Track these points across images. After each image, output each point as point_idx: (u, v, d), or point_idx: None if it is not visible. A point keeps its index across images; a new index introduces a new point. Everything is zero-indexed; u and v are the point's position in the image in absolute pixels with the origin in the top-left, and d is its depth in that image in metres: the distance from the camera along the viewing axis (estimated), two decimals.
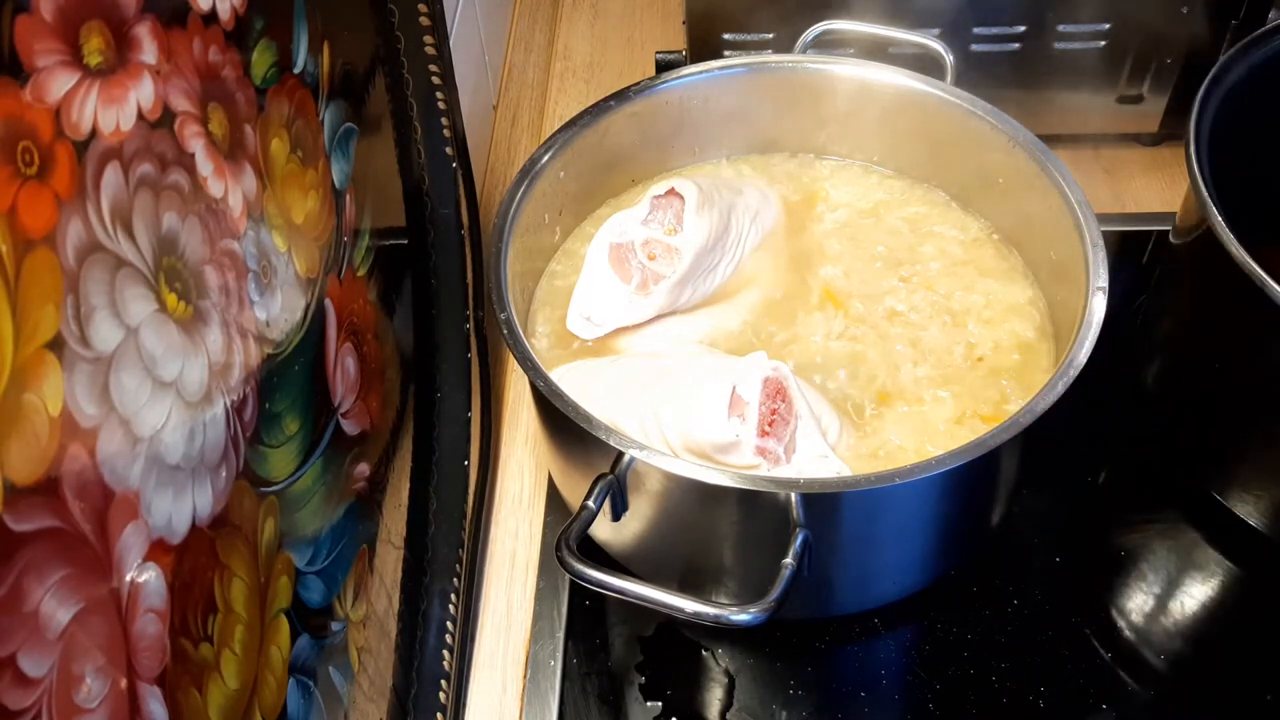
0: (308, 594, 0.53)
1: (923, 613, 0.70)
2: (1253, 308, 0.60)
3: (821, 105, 0.77)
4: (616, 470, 0.57)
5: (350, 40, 0.60)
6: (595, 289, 0.69)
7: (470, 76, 0.93)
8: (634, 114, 0.75)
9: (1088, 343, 0.58)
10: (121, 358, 0.38)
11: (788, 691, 0.67)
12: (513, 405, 0.84)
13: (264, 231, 0.49)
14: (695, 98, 0.76)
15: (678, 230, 0.69)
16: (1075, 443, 0.78)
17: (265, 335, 0.49)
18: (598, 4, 1.20)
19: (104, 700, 0.36)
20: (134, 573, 0.38)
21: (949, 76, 0.74)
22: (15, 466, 0.32)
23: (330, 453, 0.56)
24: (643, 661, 0.69)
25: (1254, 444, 0.71)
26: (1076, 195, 0.65)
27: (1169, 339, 0.76)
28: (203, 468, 0.43)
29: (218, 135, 0.45)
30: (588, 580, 0.53)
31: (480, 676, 0.70)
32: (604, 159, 0.76)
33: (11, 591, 0.32)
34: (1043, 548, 0.73)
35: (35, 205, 0.34)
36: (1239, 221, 0.62)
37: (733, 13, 0.87)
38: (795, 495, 0.54)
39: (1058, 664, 0.67)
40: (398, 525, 0.66)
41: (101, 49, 0.37)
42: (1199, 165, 0.65)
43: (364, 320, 0.62)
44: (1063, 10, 0.86)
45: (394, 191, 0.69)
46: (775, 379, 0.59)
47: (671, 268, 0.69)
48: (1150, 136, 0.96)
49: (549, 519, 0.76)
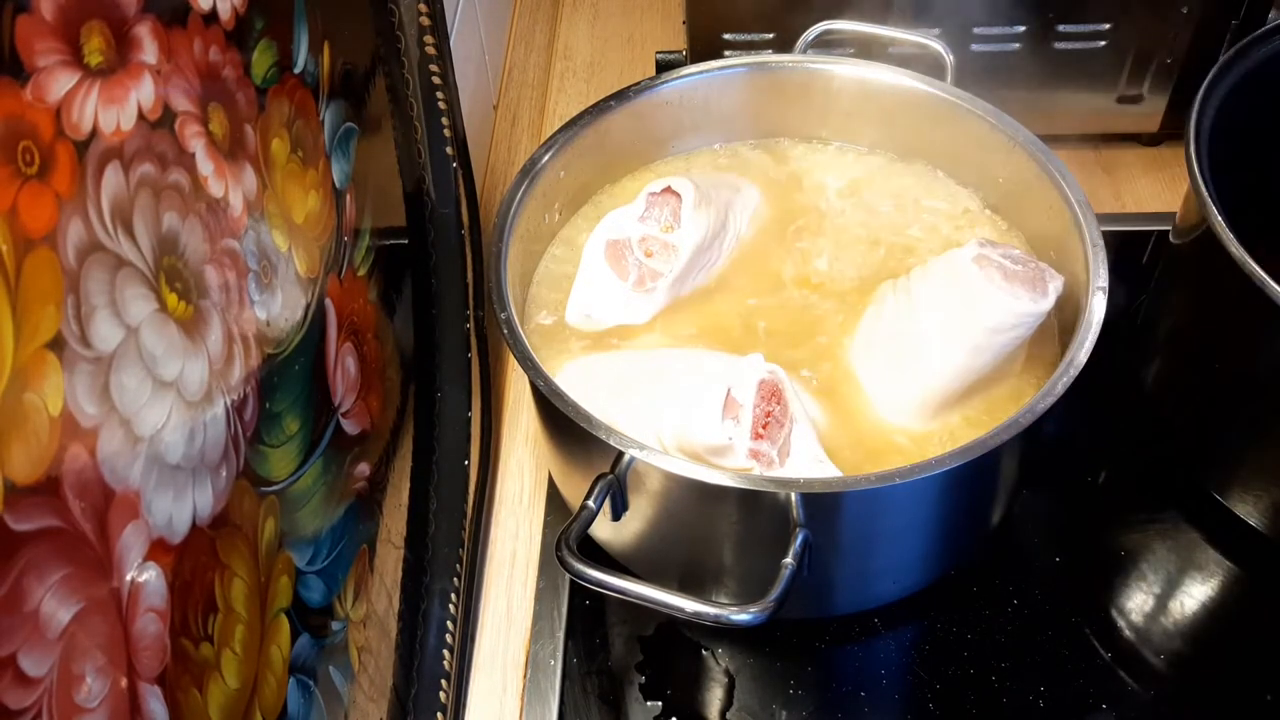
0: (308, 593, 0.53)
1: (923, 613, 0.70)
2: (1253, 308, 0.60)
3: (822, 105, 0.77)
4: (616, 470, 0.57)
5: (351, 40, 0.60)
6: (593, 286, 0.69)
7: (470, 76, 0.93)
8: (634, 114, 0.75)
9: (1088, 343, 0.58)
10: (122, 357, 0.38)
11: (788, 691, 0.67)
12: (513, 405, 0.85)
13: (264, 231, 0.49)
14: (695, 97, 0.76)
15: (675, 227, 0.69)
16: (1075, 443, 0.78)
17: (265, 335, 0.49)
18: (598, 4, 1.20)
19: (104, 700, 0.36)
20: (134, 572, 0.38)
21: (949, 76, 0.74)
22: (16, 466, 0.32)
23: (330, 452, 0.56)
24: (643, 661, 0.69)
25: (1254, 444, 0.71)
26: (1076, 195, 0.65)
27: (1169, 339, 0.76)
28: (203, 467, 0.43)
29: (218, 135, 0.45)
30: (588, 580, 0.53)
31: (480, 676, 0.70)
32: (604, 158, 0.76)
33: (12, 591, 0.32)
34: (1043, 548, 0.73)
35: (36, 205, 0.34)
36: (1239, 221, 0.62)
37: (733, 12, 0.87)
38: (795, 495, 0.54)
39: (1058, 664, 0.67)
40: (398, 525, 0.66)
41: (102, 49, 0.37)
42: (1199, 165, 0.65)
43: (364, 320, 0.62)
44: (1063, 10, 0.86)
45: (394, 191, 0.69)
46: (771, 381, 0.59)
47: (669, 265, 0.69)
48: (1150, 136, 0.96)
49: (549, 519, 0.76)
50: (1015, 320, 0.61)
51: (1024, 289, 0.61)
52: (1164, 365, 0.77)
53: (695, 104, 0.77)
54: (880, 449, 0.63)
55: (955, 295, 0.63)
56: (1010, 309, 0.61)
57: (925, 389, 0.63)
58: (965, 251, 0.63)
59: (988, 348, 0.62)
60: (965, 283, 0.62)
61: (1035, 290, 0.62)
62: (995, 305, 0.61)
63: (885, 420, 0.64)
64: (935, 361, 0.63)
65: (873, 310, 0.68)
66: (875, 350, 0.66)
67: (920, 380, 0.63)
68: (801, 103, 0.77)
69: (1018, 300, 0.61)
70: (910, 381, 0.64)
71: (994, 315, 0.61)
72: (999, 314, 0.61)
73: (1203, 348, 0.73)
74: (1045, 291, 0.62)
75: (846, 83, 0.75)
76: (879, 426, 0.64)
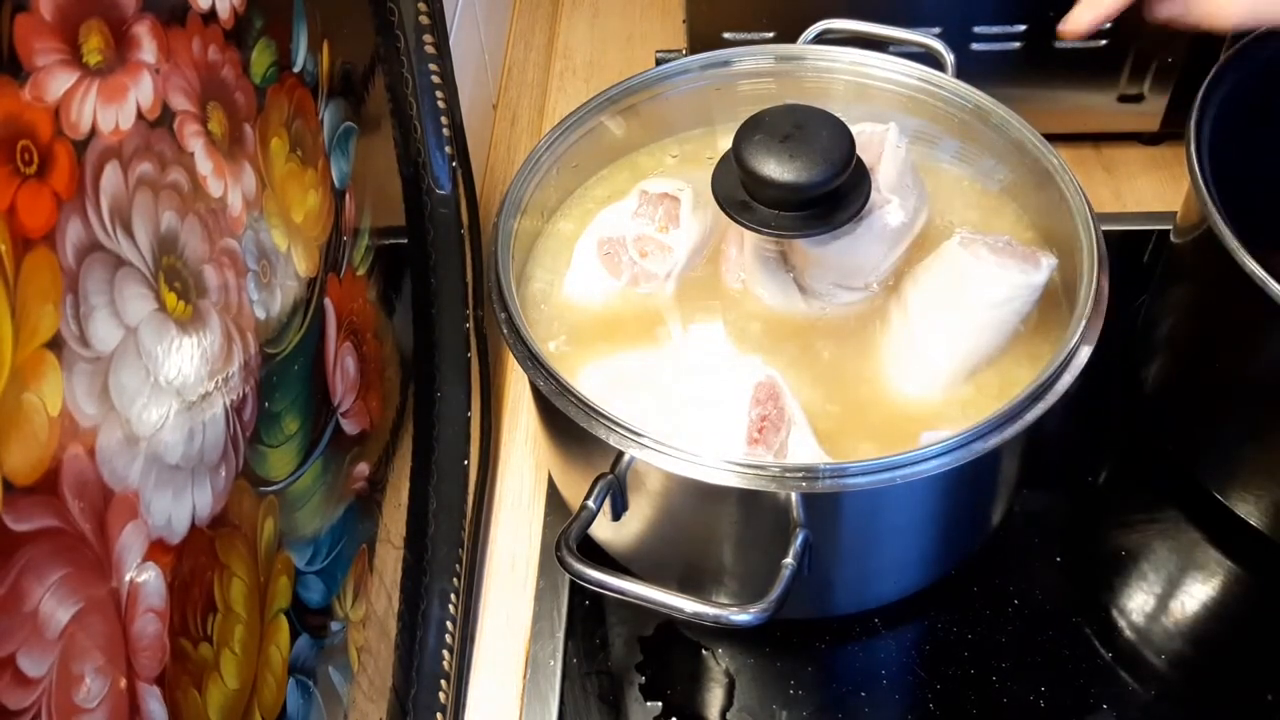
0: (307, 594, 0.53)
1: (923, 613, 0.70)
2: (1253, 308, 0.60)
3: (822, 101, 0.77)
4: (616, 470, 0.57)
5: (350, 39, 0.60)
6: (584, 284, 0.69)
7: (470, 76, 0.93)
8: (633, 110, 0.75)
9: (1087, 343, 0.58)
10: (121, 357, 0.37)
11: (788, 691, 0.67)
12: (513, 405, 0.84)
13: (263, 230, 0.49)
14: (694, 92, 0.76)
15: (670, 227, 0.69)
16: (1075, 443, 0.78)
17: (265, 334, 0.49)
18: (598, 3, 1.19)
19: (103, 700, 0.35)
20: (133, 572, 0.38)
21: (949, 75, 0.74)
22: (15, 466, 0.32)
23: (330, 452, 0.56)
24: (643, 661, 0.69)
25: (1254, 444, 0.71)
26: (1076, 195, 0.65)
27: (1169, 339, 0.76)
28: (202, 467, 0.43)
29: (217, 134, 0.45)
30: (588, 580, 0.53)
31: (480, 676, 0.70)
32: (603, 156, 0.76)
33: (11, 591, 0.31)
34: (1043, 548, 0.73)
35: (34, 204, 0.33)
36: (1239, 221, 0.62)
37: (733, 11, 0.87)
38: (795, 495, 0.54)
39: (1058, 664, 0.67)
40: (397, 525, 0.66)
41: (101, 48, 0.37)
42: (1199, 165, 0.65)
43: (364, 320, 0.62)
44: (1063, 10, 0.85)
45: (393, 190, 0.69)
46: (767, 384, 0.59)
47: (663, 265, 0.69)
48: (1150, 136, 0.96)
49: (549, 519, 0.76)
50: (1010, 292, 0.62)
51: (1013, 262, 0.62)
52: (1164, 365, 0.77)
53: (693, 99, 0.77)
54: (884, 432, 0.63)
55: (948, 281, 0.63)
56: (1003, 280, 0.62)
57: (931, 379, 0.63)
58: (950, 241, 0.64)
59: (989, 324, 0.63)
60: (956, 267, 0.63)
61: (1026, 263, 0.62)
62: (988, 279, 0.62)
63: (893, 400, 0.64)
64: (938, 352, 0.63)
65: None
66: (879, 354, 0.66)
67: (923, 374, 0.63)
68: (800, 96, 0.77)
69: (1007, 271, 0.62)
70: (913, 377, 0.64)
71: (988, 289, 0.62)
72: (993, 287, 0.62)
73: (1203, 348, 0.73)
74: (1037, 264, 0.62)
75: (846, 76, 0.75)
76: (884, 412, 0.64)
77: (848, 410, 0.64)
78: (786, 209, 0.61)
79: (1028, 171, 0.69)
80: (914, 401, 0.63)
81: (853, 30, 0.78)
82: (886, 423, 0.63)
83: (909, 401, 0.63)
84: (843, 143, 0.60)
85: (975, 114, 0.71)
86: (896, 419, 0.63)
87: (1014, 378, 0.63)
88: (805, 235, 0.62)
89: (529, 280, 0.71)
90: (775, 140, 0.60)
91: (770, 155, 0.60)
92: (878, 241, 0.66)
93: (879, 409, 0.64)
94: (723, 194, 0.63)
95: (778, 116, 0.62)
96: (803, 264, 0.67)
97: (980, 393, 0.64)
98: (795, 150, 0.60)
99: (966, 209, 0.75)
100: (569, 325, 0.69)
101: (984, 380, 0.64)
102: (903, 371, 0.64)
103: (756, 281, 0.68)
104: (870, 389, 0.64)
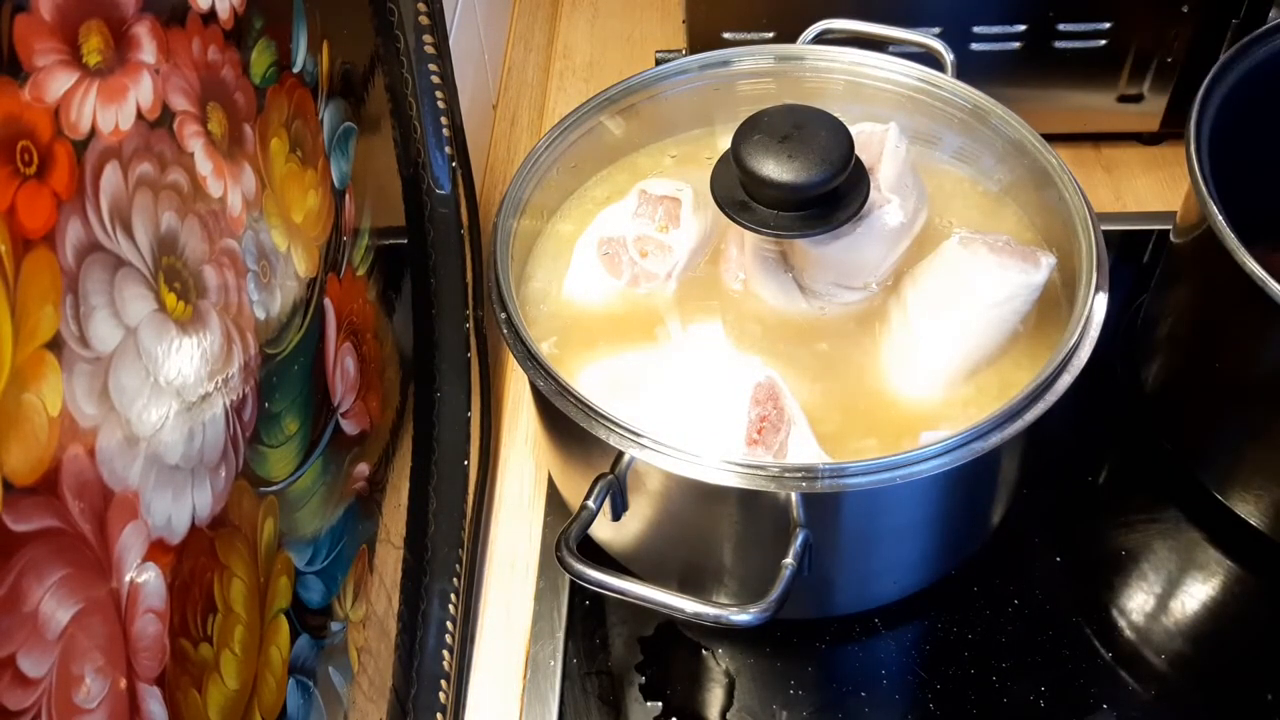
0: (307, 594, 0.53)
1: (923, 613, 0.70)
2: (1253, 308, 0.60)
3: (821, 101, 0.77)
4: (616, 470, 0.57)
5: (350, 39, 0.60)
6: (584, 284, 0.69)
7: (469, 76, 0.93)
8: (632, 110, 0.75)
9: (1087, 343, 0.58)
10: (121, 358, 0.37)
11: (788, 691, 0.67)
12: (513, 405, 0.84)
13: (263, 231, 0.49)
14: (693, 91, 0.76)
15: (671, 228, 0.69)
16: (1075, 442, 0.78)
17: (265, 335, 0.49)
18: (598, 3, 1.19)
19: (103, 700, 0.35)
20: (133, 573, 0.38)
21: (949, 76, 0.74)
22: (15, 466, 0.32)
23: (330, 453, 0.56)
24: (643, 661, 0.69)
25: (1254, 444, 0.71)
26: (1076, 195, 0.65)
27: (1169, 339, 0.76)
28: (202, 468, 0.43)
29: (217, 134, 0.45)
30: (588, 580, 0.53)
31: (480, 676, 0.70)
32: (603, 156, 0.76)
33: (11, 591, 0.31)
34: (1043, 548, 0.73)
35: (34, 205, 0.33)
36: (1239, 221, 0.62)
37: (733, 11, 0.87)
38: (795, 495, 0.54)
39: (1058, 664, 0.67)
40: (397, 525, 0.66)
41: (100, 48, 0.37)
42: (1199, 165, 0.65)
43: (364, 320, 0.62)
44: (1063, 9, 0.86)
45: (393, 191, 0.69)
46: (767, 384, 0.59)
47: (663, 266, 0.69)
48: (1150, 136, 0.96)
49: (549, 519, 0.76)
50: (1010, 291, 0.62)
51: (1013, 261, 0.62)
52: (1164, 365, 0.77)
53: (693, 99, 0.77)
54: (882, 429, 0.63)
55: (948, 281, 0.63)
56: (1003, 280, 0.62)
57: (930, 379, 0.63)
58: (950, 241, 0.64)
59: (988, 324, 0.63)
60: (955, 267, 0.63)
61: (1026, 263, 0.62)
62: (988, 278, 0.62)
63: (893, 399, 0.64)
64: (938, 352, 0.63)
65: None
66: (878, 354, 0.66)
67: (923, 373, 0.63)
68: (799, 96, 0.77)
69: (1007, 271, 0.62)
70: (913, 377, 0.64)
71: (988, 289, 0.62)
72: (992, 286, 0.62)
73: (1203, 348, 0.73)
74: (1036, 263, 0.62)
75: (845, 76, 0.75)
76: (884, 411, 0.64)
77: (847, 410, 0.64)
78: (786, 209, 0.61)
79: (1027, 171, 0.69)
80: (914, 401, 0.63)
81: (852, 30, 0.78)
82: (886, 422, 0.63)
83: (909, 401, 0.63)
84: (842, 143, 0.60)
85: (975, 114, 0.71)
86: (896, 419, 0.63)
87: (1014, 378, 0.63)
88: (805, 235, 0.62)
89: (529, 280, 0.71)
90: (774, 140, 0.60)
91: (769, 155, 0.60)
92: (877, 241, 0.66)
93: (879, 409, 0.64)
94: (722, 194, 0.63)
95: (777, 117, 0.62)
96: (802, 264, 0.67)
97: (980, 393, 0.64)
98: (794, 150, 0.60)
99: (966, 209, 0.75)
100: (569, 325, 0.69)
101: (984, 380, 0.64)
102: (902, 371, 0.64)
103: (756, 281, 0.68)
104: (870, 389, 0.64)
